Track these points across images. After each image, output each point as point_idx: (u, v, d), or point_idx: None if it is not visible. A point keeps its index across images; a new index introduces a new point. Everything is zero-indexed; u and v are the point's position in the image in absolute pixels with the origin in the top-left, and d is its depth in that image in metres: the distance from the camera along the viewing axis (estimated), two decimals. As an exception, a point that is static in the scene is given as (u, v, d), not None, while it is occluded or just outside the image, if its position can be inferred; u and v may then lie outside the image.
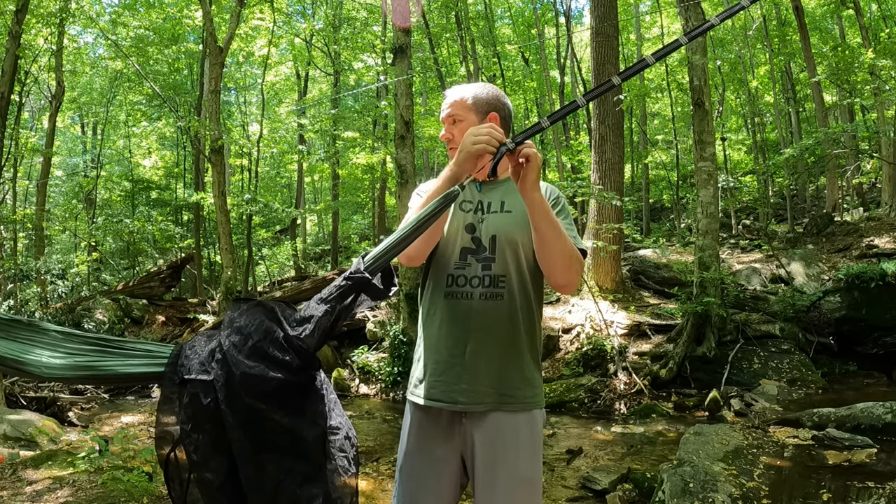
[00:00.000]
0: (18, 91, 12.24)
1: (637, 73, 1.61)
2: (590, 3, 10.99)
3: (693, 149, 8.05)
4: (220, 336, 1.37)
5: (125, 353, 1.38)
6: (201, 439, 1.31)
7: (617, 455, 5.03)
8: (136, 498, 3.44)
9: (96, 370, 1.35)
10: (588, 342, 7.54)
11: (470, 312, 1.67)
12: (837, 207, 13.45)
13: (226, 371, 1.30)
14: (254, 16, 14.50)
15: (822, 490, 3.54)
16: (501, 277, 1.68)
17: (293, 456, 1.32)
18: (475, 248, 1.69)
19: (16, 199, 15.53)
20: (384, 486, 4.36)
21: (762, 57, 17.85)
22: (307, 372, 1.38)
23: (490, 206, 1.74)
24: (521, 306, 1.70)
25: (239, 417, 1.28)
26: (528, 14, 19.64)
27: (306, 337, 1.35)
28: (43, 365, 1.31)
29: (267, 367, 1.30)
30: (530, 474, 1.65)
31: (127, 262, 18.19)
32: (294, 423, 1.33)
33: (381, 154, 14.85)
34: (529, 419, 1.68)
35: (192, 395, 1.32)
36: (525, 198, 1.58)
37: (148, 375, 1.40)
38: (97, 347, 1.37)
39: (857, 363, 7.18)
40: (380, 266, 1.45)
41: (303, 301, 11.58)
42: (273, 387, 1.30)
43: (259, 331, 1.35)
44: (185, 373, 1.34)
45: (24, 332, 1.36)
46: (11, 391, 6.89)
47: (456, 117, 1.77)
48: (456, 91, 1.81)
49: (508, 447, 1.64)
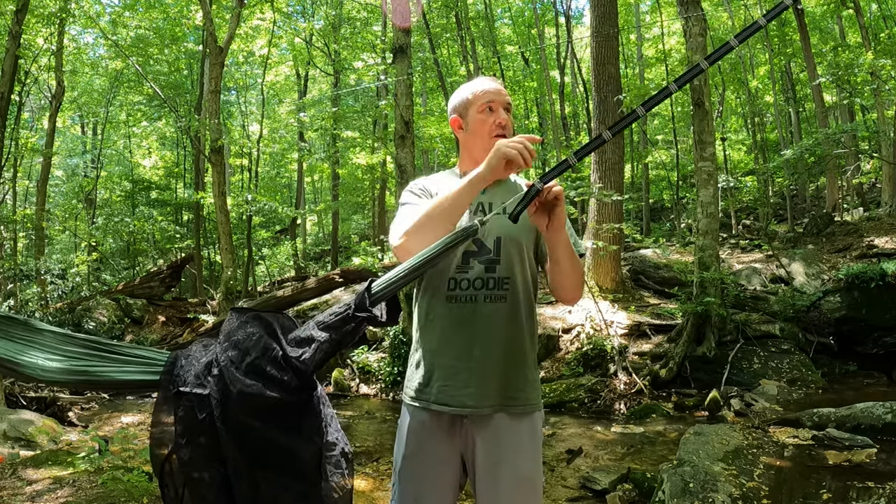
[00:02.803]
0: (18, 91, 12.24)
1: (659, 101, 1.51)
2: (590, 3, 10.99)
3: (693, 149, 8.05)
4: (217, 349, 1.36)
5: (121, 359, 1.37)
6: (196, 452, 1.30)
7: (617, 455, 5.03)
8: (136, 498, 3.44)
9: (92, 375, 1.34)
10: (588, 342, 7.54)
11: (475, 316, 1.65)
12: (837, 207, 13.45)
13: (222, 387, 1.29)
14: (254, 16, 14.51)
15: (822, 490, 3.54)
16: (506, 279, 1.66)
17: (289, 474, 1.31)
18: (477, 249, 1.67)
19: (16, 199, 15.54)
20: (384, 486, 4.36)
21: (762, 57, 17.86)
22: (305, 392, 1.36)
23: (492, 208, 1.72)
24: (523, 308, 1.69)
25: (234, 434, 1.27)
26: (528, 14, 19.63)
27: (306, 359, 1.33)
28: (39, 367, 1.30)
29: (264, 385, 1.29)
30: (532, 474, 1.65)
31: (127, 262, 18.20)
32: (290, 442, 1.33)
33: (381, 154, 14.85)
34: (531, 420, 1.68)
35: (186, 409, 1.31)
36: (553, 237, 1.57)
37: (143, 383, 1.39)
38: (93, 351, 1.36)
39: (857, 363, 7.18)
40: (387, 295, 1.44)
41: (304, 300, 11.46)
42: (269, 405, 1.29)
43: (257, 347, 1.33)
44: (181, 384, 1.33)
45: (20, 331, 1.34)
46: (11, 391, 6.89)
47: (510, 107, 1.75)
48: (499, 83, 1.78)
49: (511, 448, 1.64)
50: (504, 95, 1.74)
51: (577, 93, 19.53)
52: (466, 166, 1.76)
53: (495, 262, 1.67)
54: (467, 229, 1.47)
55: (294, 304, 10.89)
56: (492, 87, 1.74)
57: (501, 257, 1.67)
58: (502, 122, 1.70)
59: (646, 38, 19.81)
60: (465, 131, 1.76)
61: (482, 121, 1.72)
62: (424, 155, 19.90)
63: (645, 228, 16.26)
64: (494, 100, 1.72)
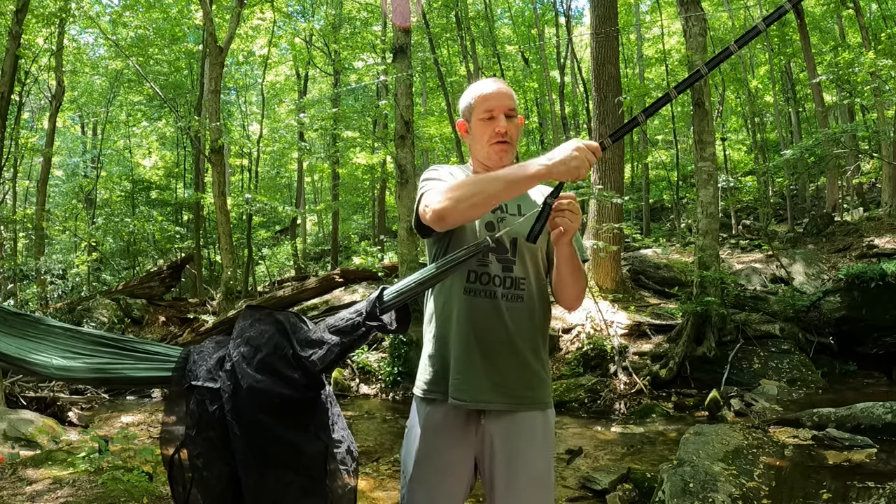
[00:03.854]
0: (18, 91, 12.24)
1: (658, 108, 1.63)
2: (590, 3, 10.99)
3: (693, 149, 8.05)
4: (230, 345, 1.38)
5: (134, 356, 1.38)
6: (205, 445, 1.32)
7: (617, 455, 5.03)
8: (136, 498, 3.44)
9: (107, 373, 1.35)
10: (588, 342, 7.54)
11: (493, 311, 1.65)
12: (837, 207, 13.45)
13: (233, 382, 1.31)
14: (254, 16, 14.50)
15: (822, 490, 3.54)
16: (522, 280, 1.68)
17: (294, 470, 1.33)
18: (496, 246, 1.65)
19: (16, 199, 15.54)
20: (384, 486, 4.36)
21: (762, 57, 17.85)
22: (313, 390, 1.38)
23: (508, 208, 1.73)
24: (538, 308, 1.71)
25: (243, 429, 1.29)
26: (529, 14, 19.63)
27: (316, 360, 1.35)
28: (52, 366, 1.31)
29: (274, 382, 1.31)
30: (547, 472, 1.67)
31: (127, 262, 18.18)
32: (297, 438, 1.35)
33: (381, 154, 14.84)
34: (545, 418, 1.69)
35: (198, 402, 1.33)
36: (561, 249, 1.60)
37: (156, 379, 1.40)
38: (106, 348, 1.37)
39: (857, 363, 7.18)
40: (398, 304, 1.45)
41: (304, 300, 11.44)
42: (278, 402, 1.31)
43: (269, 344, 1.36)
44: (193, 378, 1.35)
45: (30, 328, 1.35)
46: (11, 391, 6.88)
47: (513, 112, 1.72)
48: (504, 85, 1.75)
49: (527, 446, 1.64)
50: (505, 100, 1.72)
51: (577, 93, 19.53)
52: (476, 168, 1.79)
53: (512, 262, 1.68)
54: (479, 244, 1.49)
55: (294, 304, 10.88)
56: (492, 93, 1.72)
57: (517, 259, 1.69)
58: (501, 130, 1.70)
59: (646, 38, 19.82)
60: (470, 135, 1.79)
61: (483, 128, 1.72)
62: (424, 155, 19.90)
63: (645, 228, 16.26)
64: (495, 107, 1.71)
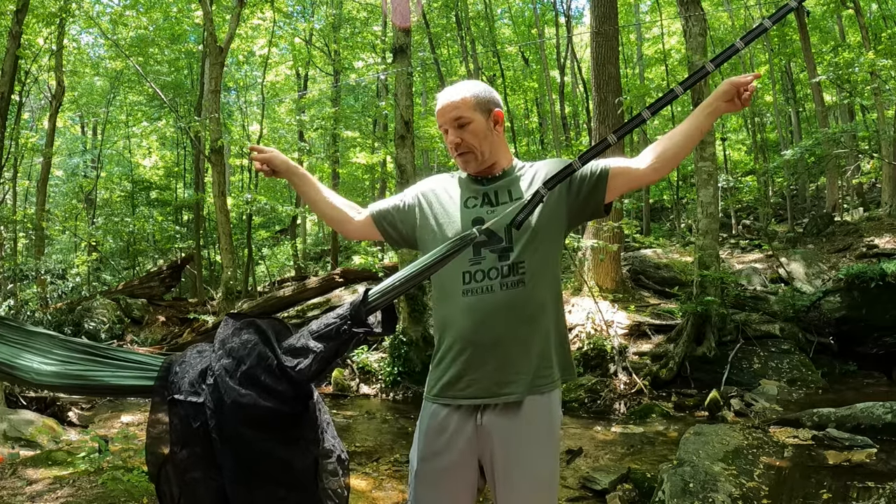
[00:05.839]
0: (18, 91, 12.25)
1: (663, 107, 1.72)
2: (590, 3, 10.99)
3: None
4: (212, 357, 1.33)
5: (116, 364, 1.35)
6: (190, 461, 1.28)
7: (617, 455, 5.03)
8: (136, 498, 3.44)
9: (87, 380, 1.33)
10: (588, 342, 7.54)
11: (494, 306, 1.64)
12: (837, 207, 13.45)
13: (216, 397, 1.27)
14: (254, 16, 14.50)
15: (822, 490, 3.54)
16: (520, 263, 1.66)
17: (285, 485, 1.29)
18: (487, 239, 1.65)
19: (16, 199, 15.55)
20: (384, 486, 4.36)
21: (762, 57, 17.85)
22: (300, 401, 1.34)
23: (498, 197, 1.73)
24: (542, 289, 1.69)
25: (229, 444, 1.26)
26: (529, 14, 19.64)
27: (302, 369, 1.31)
28: (34, 371, 1.28)
29: (258, 395, 1.27)
30: (548, 471, 1.67)
31: (127, 262, 18.19)
32: (286, 453, 1.30)
33: (381, 154, 14.85)
34: (548, 400, 1.68)
35: (181, 417, 1.29)
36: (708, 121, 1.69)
37: (137, 388, 1.37)
38: (88, 356, 1.34)
39: (857, 363, 7.17)
40: (384, 303, 1.42)
41: (305, 300, 11.44)
42: (265, 416, 1.27)
43: (252, 356, 1.31)
44: (175, 391, 1.31)
45: (13, 333, 1.33)
46: (11, 391, 6.88)
47: (463, 119, 1.72)
48: (454, 92, 1.75)
49: (526, 444, 1.64)
50: (449, 112, 1.73)
51: (577, 93, 19.54)
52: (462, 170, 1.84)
53: (508, 249, 1.67)
54: (465, 237, 1.48)
55: (295, 304, 10.89)
56: (439, 109, 1.77)
57: (514, 244, 1.67)
58: (451, 143, 1.75)
59: (646, 38, 19.82)
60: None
61: (446, 140, 1.80)
62: (424, 155, 19.90)
63: (645, 228, 16.26)
64: (442, 123, 1.76)
